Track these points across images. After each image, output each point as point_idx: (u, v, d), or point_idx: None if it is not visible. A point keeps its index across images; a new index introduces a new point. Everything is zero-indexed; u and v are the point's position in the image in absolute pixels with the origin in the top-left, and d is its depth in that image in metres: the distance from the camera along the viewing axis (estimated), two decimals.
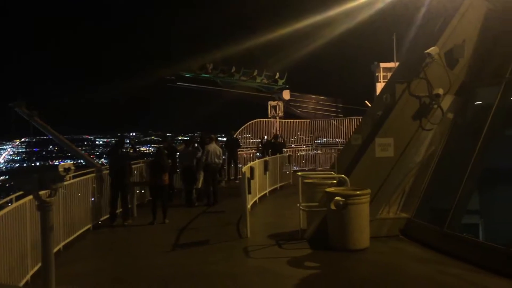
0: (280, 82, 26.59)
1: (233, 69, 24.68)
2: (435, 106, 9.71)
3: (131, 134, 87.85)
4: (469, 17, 10.02)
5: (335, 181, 9.83)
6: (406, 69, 11.20)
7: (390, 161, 9.63)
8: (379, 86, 21.32)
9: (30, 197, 7.25)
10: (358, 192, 8.67)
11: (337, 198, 8.51)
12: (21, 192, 7.55)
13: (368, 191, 8.79)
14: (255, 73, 25.44)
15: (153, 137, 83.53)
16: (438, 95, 9.61)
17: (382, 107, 11.69)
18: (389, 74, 20.20)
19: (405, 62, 12.33)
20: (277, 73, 26.33)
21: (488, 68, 9.62)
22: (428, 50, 9.61)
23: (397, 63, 17.99)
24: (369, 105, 20.56)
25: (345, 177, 9.41)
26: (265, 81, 26.10)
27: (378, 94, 16.53)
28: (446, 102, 9.82)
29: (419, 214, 9.50)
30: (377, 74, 22.68)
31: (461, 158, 9.46)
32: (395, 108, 9.94)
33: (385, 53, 22.75)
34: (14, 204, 7.28)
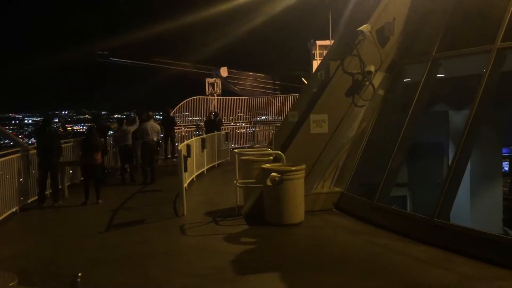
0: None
1: None
2: (367, 83, 9.96)
3: (63, 112, 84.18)
4: None
5: (271, 158, 9.92)
6: (340, 47, 11.37)
7: (324, 137, 9.83)
8: (315, 64, 21.60)
9: None
10: (293, 168, 8.79)
11: (273, 174, 8.58)
12: None
13: (303, 166, 8.94)
14: None
15: (87, 116, 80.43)
16: (370, 72, 9.85)
17: (317, 84, 11.85)
18: (325, 52, 20.49)
19: (340, 39, 12.49)
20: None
21: (416, 46, 9.95)
22: (360, 28, 9.79)
23: (333, 41, 18.24)
24: (306, 82, 20.83)
25: (281, 153, 9.51)
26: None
27: (314, 72, 16.75)
28: (377, 79, 10.10)
29: (351, 188, 9.82)
30: (313, 52, 22.92)
31: (390, 133, 9.82)
32: (329, 85, 10.10)
33: (322, 31, 23.01)
34: None
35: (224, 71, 25.03)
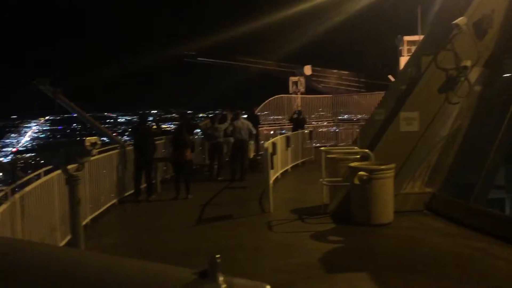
0: None
1: None
2: (462, 78, 9.47)
3: (152, 111, 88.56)
4: None
5: (358, 156, 9.76)
6: (431, 42, 10.91)
7: (415, 135, 9.50)
8: (403, 60, 20.81)
9: (58, 171, 7.39)
10: (382, 167, 8.59)
11: (361, 172, 8.45)
12: (49, 167, 7.73)
13: (393, 165, 8.70)
14: None
15: (174, 115, 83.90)
16: (465, 68, 9.36)
17: (406, 81, 11.46)
18: (413, 48, 19.70)
19: (430, 34, 11.99)
20: None
21: None
22: (455, 21, 9.33)
23: (422, 36, 17.50)
24: (393, 79, 20.20)
25: (369, 151, 9.32)
26: None
27: (402, 68, 16.17)
28: (473, 75, 9.57)
29: (444, 188, 9.38)
30: (400, 48, 22.11)
31: (488, 132, 9.26)
32: (421, 81, 9.75)
33: (409, 26, 22.14)
34: (43, 179, 7.44)
35: (307, 69, 24.91)
